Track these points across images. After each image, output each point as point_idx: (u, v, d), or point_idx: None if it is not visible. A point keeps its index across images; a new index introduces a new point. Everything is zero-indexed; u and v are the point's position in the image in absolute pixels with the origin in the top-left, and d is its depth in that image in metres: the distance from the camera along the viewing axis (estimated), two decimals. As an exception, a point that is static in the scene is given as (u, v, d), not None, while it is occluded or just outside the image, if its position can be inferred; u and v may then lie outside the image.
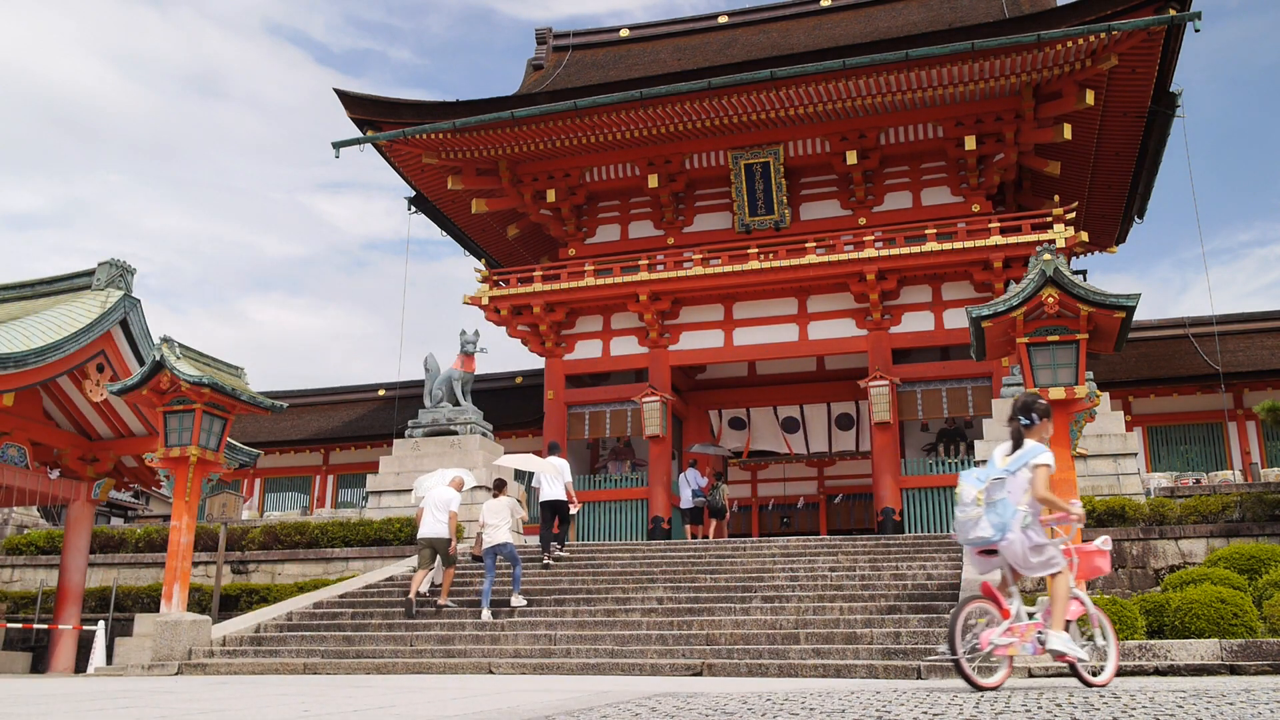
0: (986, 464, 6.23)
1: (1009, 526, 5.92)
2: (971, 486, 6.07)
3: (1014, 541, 5.94)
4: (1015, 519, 5.92)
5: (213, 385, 13.88)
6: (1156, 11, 19.06)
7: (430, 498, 13.87)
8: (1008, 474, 5.99)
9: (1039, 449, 6.08)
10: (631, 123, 22.21)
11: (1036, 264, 11.77)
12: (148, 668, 12.40)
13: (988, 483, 6.00)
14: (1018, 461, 6.04)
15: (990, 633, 5.96)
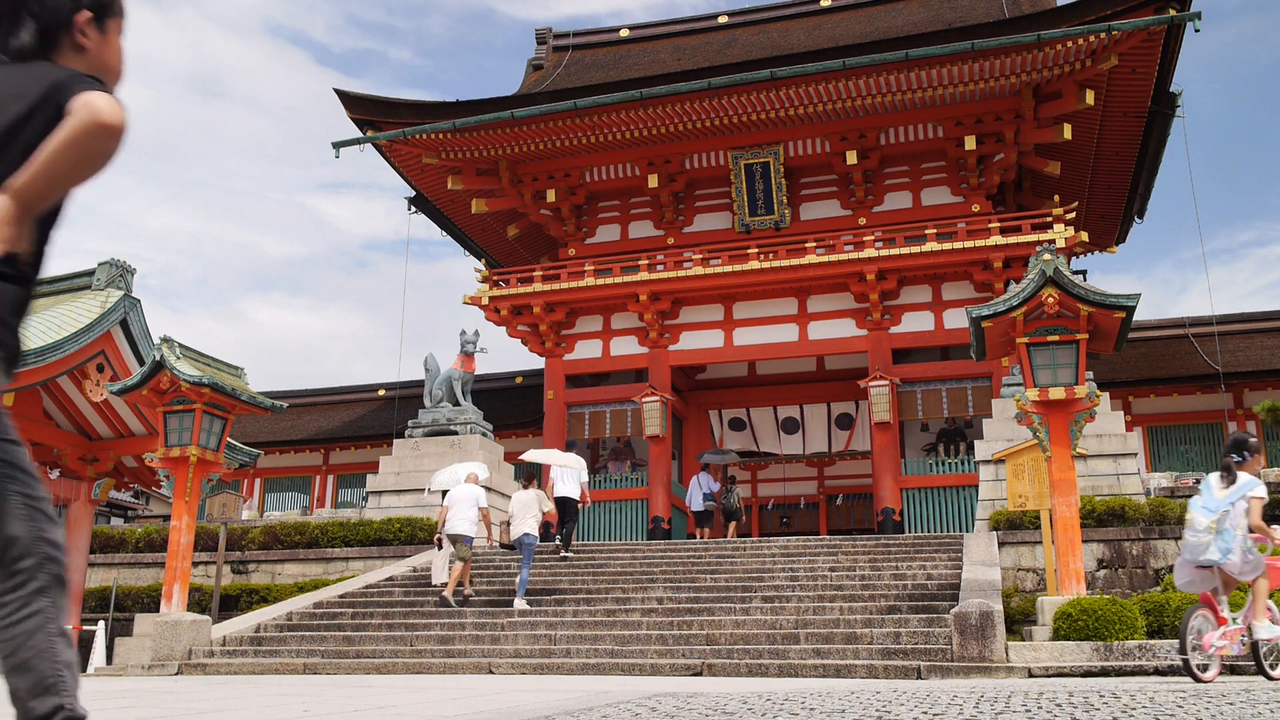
0: (1203, 493, 7.32)
1: (1231, 549, 7.05)
2: (1204, 516, 7.18)
3: (1234, 561, 7.08)
4: (1236, 543, 7.05)
5: (213, 385, 13.87)
6: (1156, 11, 19.06)
7: (454, 495, 14.03)
8: (1229, 504, 7.10)
9: (1253, 482, 7.18)
10: (631, 123, 22.21)
11: (1036, 264, 11.77)
12: (148, 668, 12.40)
13: (1218, 514, 7.08)
14: (1236, 493, 7.12)
15: (1210, 636, 7.11)
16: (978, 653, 9.85)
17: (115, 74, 2.33)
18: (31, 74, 2.11)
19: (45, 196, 2.03)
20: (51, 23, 2.17)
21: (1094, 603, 10.30)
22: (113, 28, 2.30)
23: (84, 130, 1.98)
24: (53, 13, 2.16)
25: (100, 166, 2.05)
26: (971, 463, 19.56)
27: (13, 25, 2.16)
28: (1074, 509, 11.70)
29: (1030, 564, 14.83)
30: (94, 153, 2.02)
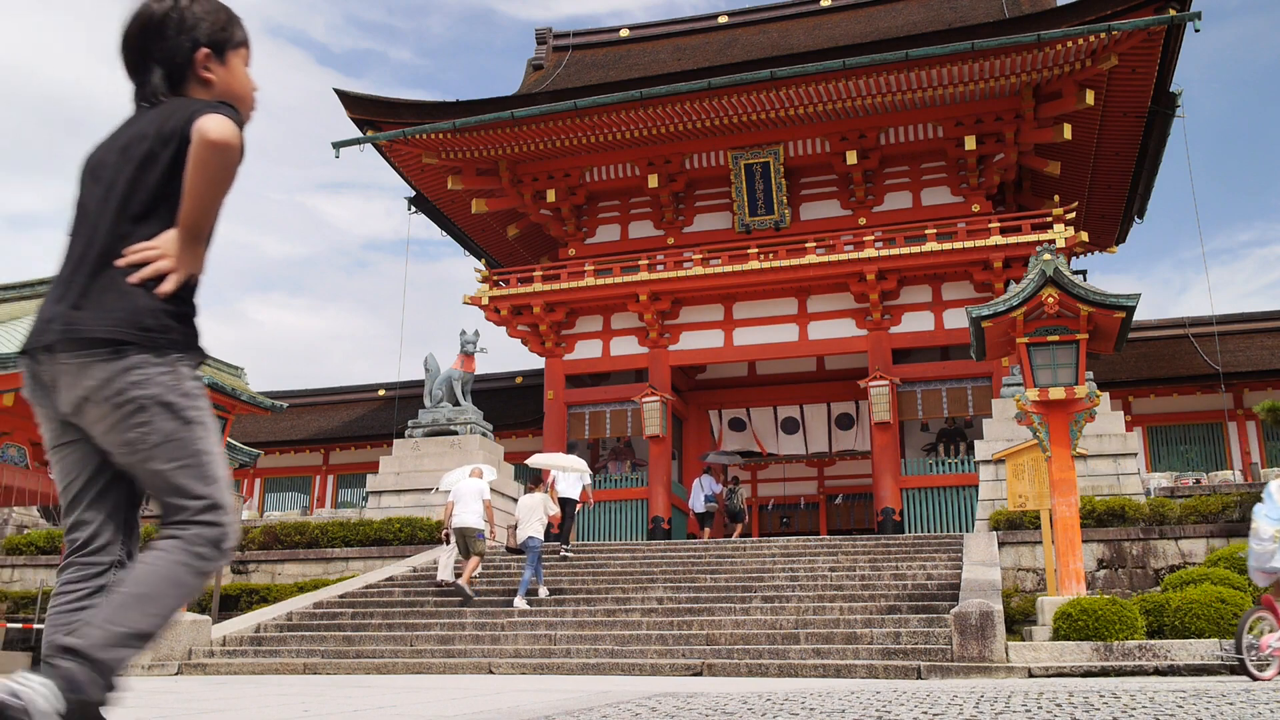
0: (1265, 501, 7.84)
1: None
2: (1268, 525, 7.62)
3: None
4: None
5: (212, 385, 13.88)
6: (1156, 11, 19.06)
7: (459, 490, 14.15)
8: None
9: None
10: (631, 123, 22.21)
11: (1036, 264, 11.77)
12: (147, 668, 12.40)
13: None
14: None
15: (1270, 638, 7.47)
16: (978, 653, 9.85)
17: (245, 99, 2.56)
18: (157, 113, 2.37)
19: (199, 221, 2.27)
20: (175, 64, 2.42)
21: (1094, 603, 10.30)
22: (234, 58, 2.53)
23: (200, 152, 2.22)
24: (174, 55, 2.42)
25: (228, 179, 2.27)
26: (971, 463, 19.56)
27: (145, 74, 2.43)
28: (1074, 509, 11.69)
29: (1030, 564, 14.83)
30: (215, 169, 2.24)
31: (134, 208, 2.31)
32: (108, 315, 2.24)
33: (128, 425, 2.24)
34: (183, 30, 2.43)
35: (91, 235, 2.33)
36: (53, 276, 2.41)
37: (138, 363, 2.22)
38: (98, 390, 2.23)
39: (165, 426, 2.26)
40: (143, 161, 2.32)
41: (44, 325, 2.31)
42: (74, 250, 2.35)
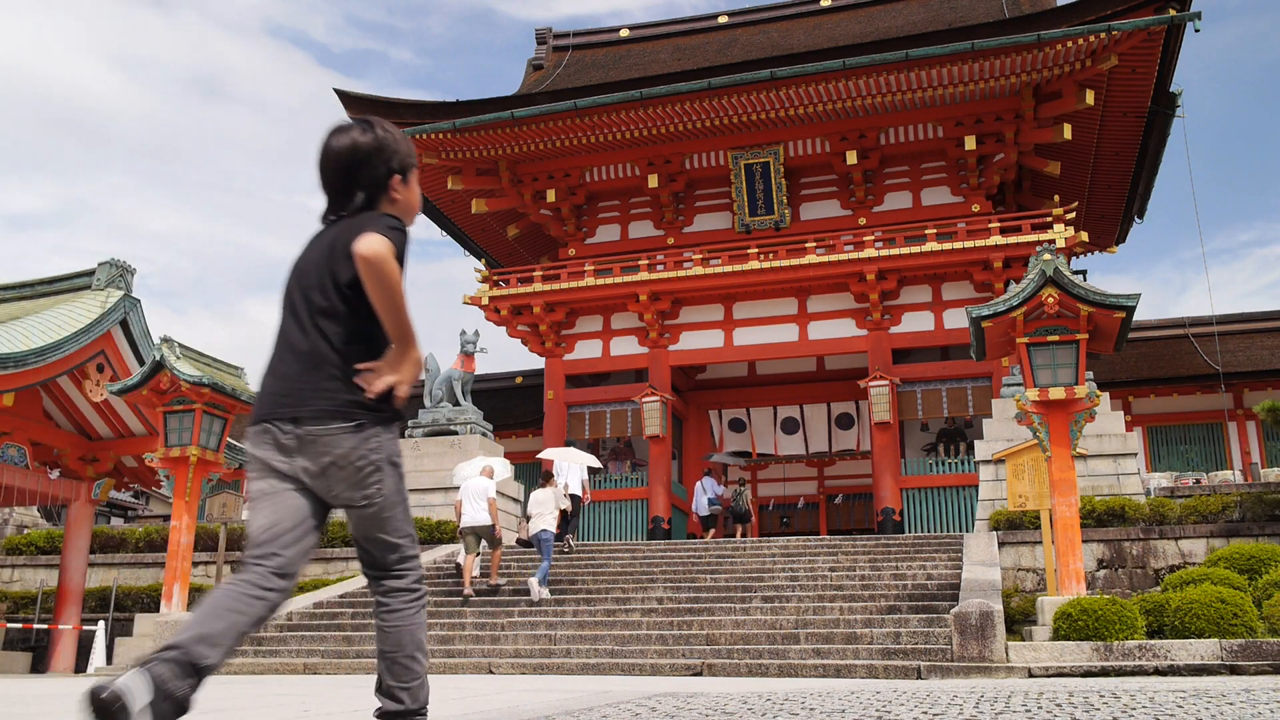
0: None
1: None
2: None
3: None
4: None
5: (213, 385, 13.87)
6: (1156, 11, 19.07)
7: (467, 489, 14.31)
8: None
9: None
10: (631, 123, 22.21)
11: (1036, 264, 11.77)
12: (148, 668, 12.39)
13: None
14: None
15: None
16: (978, 653, 9.85)
17: (415, 209, 3.01)
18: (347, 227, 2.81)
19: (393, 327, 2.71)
20: (374, 187, 2.87)
21: (1094, 603, 10.30)
22: (412, 177, 2.95)
23: (363, 270, 2.65)
24: (375, 180, 2.87)
25: (393, 286, 2.66)
26: (971, 463, 19.56)
27: (348, 195, 2.88)
28: (1074, 509, 11.69)
29: (1030, 564, 14.83)
30: (378, 281, 2.64)
31: (336, 308, 2.77)
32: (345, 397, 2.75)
33: (367, 483, 2.77)
34: (383, 160, 2.87)
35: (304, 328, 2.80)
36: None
37: (373, 433, 2.75)
38: (344, 456, 2.73)
39: (391, 481, 2.81)
40: (337, 270, 2.76)
41: (281, 399, 2.78)
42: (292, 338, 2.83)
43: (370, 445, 2.75)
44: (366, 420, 2.76)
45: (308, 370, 2.77)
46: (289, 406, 2.76)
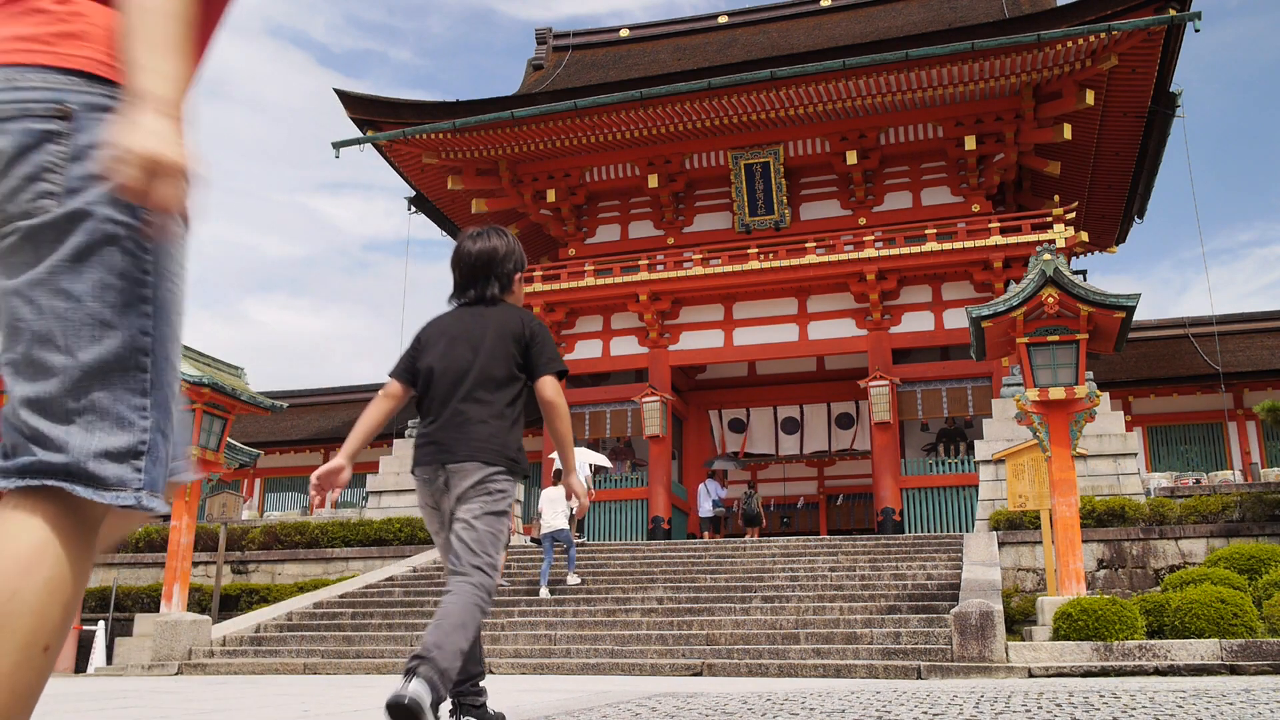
0: None
1: None
2: None
3: None
4: None
5: (213, 385, 13.87)
6: (1156, 11, 19.07)
7: None
8: None
9: None
10: (631, 123, 22.21)
11: (1036, 264, 11.78)
12: (148, 668, 12.40)
13: None
14: None
15: None
16: (978, 653, 9.85)
17: (521, 300, 3.82)
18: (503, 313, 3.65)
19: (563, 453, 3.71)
20: (503, 281, 3.71)
21: (1094, 603, 10.30)
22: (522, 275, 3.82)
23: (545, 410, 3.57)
24: (506, 277, 3.72)
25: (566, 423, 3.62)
26: (971, 463, 19.56)
27: (485, 285, 3.69)
28: (1074, 509, 11.69)
29: (1030, 564, 14.83)
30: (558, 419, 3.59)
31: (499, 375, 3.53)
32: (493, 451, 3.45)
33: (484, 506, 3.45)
34: (511, 260, 3.74)
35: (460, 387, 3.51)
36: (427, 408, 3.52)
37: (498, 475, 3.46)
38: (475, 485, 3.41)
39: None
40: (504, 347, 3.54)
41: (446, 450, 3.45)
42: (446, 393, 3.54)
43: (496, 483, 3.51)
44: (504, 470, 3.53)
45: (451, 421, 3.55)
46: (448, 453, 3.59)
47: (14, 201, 1.39)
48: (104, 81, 1.45)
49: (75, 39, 1.45)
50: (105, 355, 1.39)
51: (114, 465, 1.39)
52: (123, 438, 1.40)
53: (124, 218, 1.42)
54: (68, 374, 1.37)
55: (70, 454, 1.37)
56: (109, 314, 1.40)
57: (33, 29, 1.43)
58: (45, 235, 1.39)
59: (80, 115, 1.43)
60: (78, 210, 1.40)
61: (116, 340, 1.41)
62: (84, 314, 1.39)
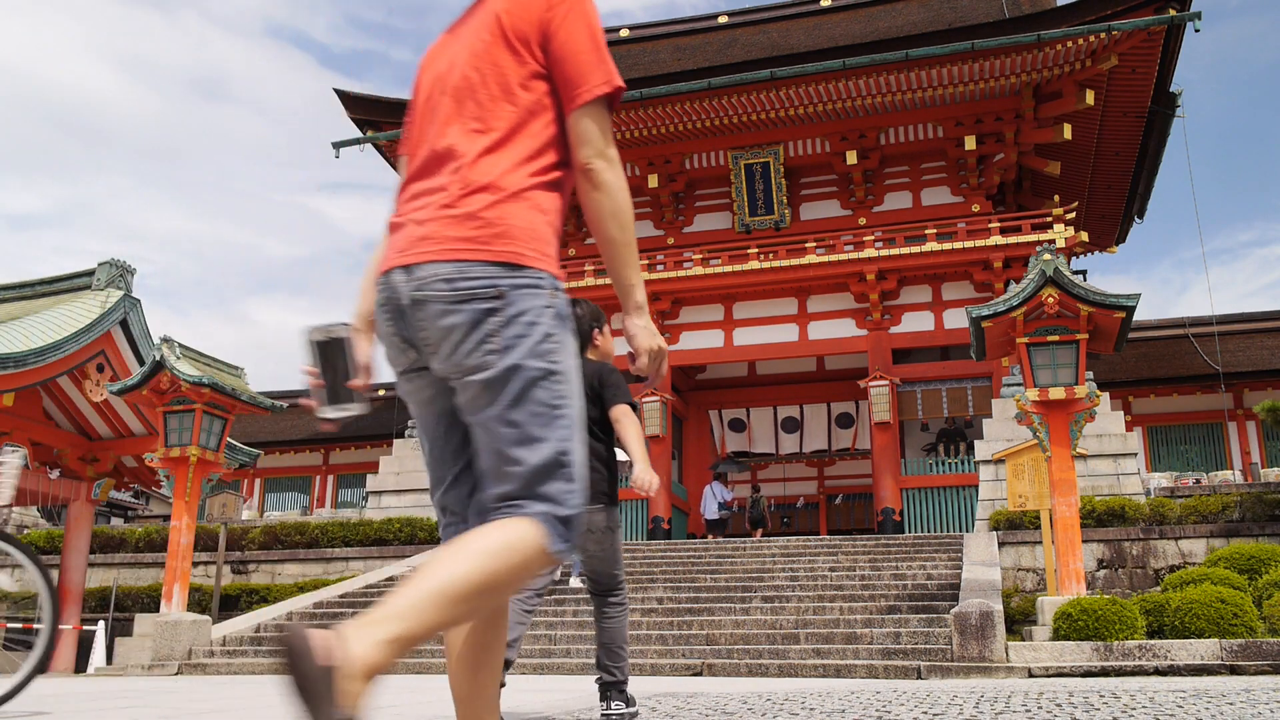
0: None
1: None
2: None
3: None
4: None
5: (213, 385, 13.88)
6: (1156, 11, 19.08)
7: None
8: None
9: None
10: (631, 123, 22.22)
11: (1036, 264, 11.78)
12: (148, 668, 12.40)
13: None
14: None
15: None
16: (978, 653, 9.85)
17: (609, 354, 4.48)
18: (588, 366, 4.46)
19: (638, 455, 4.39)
20: (584, 337, 4.52)
21: (1094, 603, 10.30)
22: (607, 330, 4.38)
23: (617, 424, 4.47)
24: (585, 336, 4.53)
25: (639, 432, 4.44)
26: (971, 463, 19.56)
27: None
28: (1074, 509, 11.70)
29: (1030, 564, 14.83)
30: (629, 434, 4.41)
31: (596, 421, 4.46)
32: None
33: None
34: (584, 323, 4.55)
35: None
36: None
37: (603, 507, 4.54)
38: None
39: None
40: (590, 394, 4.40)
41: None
42: None
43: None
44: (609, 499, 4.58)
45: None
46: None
47: (470, 358, 1.96)
48: (523, 268, 1.99)
49: (503, 238, 1.99)
50: (546, 459, 1.95)
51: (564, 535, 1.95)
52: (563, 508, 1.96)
53: (542, 365, 1.98)
54: (524, 478, 1.94)
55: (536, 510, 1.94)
56: (541, 429, 1.96)
57: (472, 232, 1.98)
58: (495, 384, 1.96)
59: (510, 294, 1.97)
60: (513, 365, 1.96)
61: (554, 447, 1.97)
62: (525, 434, 1.95)
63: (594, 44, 2.05)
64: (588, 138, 2.04)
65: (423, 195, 2.06)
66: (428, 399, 2.13)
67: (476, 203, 2.00)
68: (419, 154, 2.11)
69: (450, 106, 2.08)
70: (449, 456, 2.15)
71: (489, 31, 2.08)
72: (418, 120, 2.17)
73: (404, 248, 2.02)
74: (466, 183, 2.01)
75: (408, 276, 2.00)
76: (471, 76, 2.06)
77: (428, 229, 2.01)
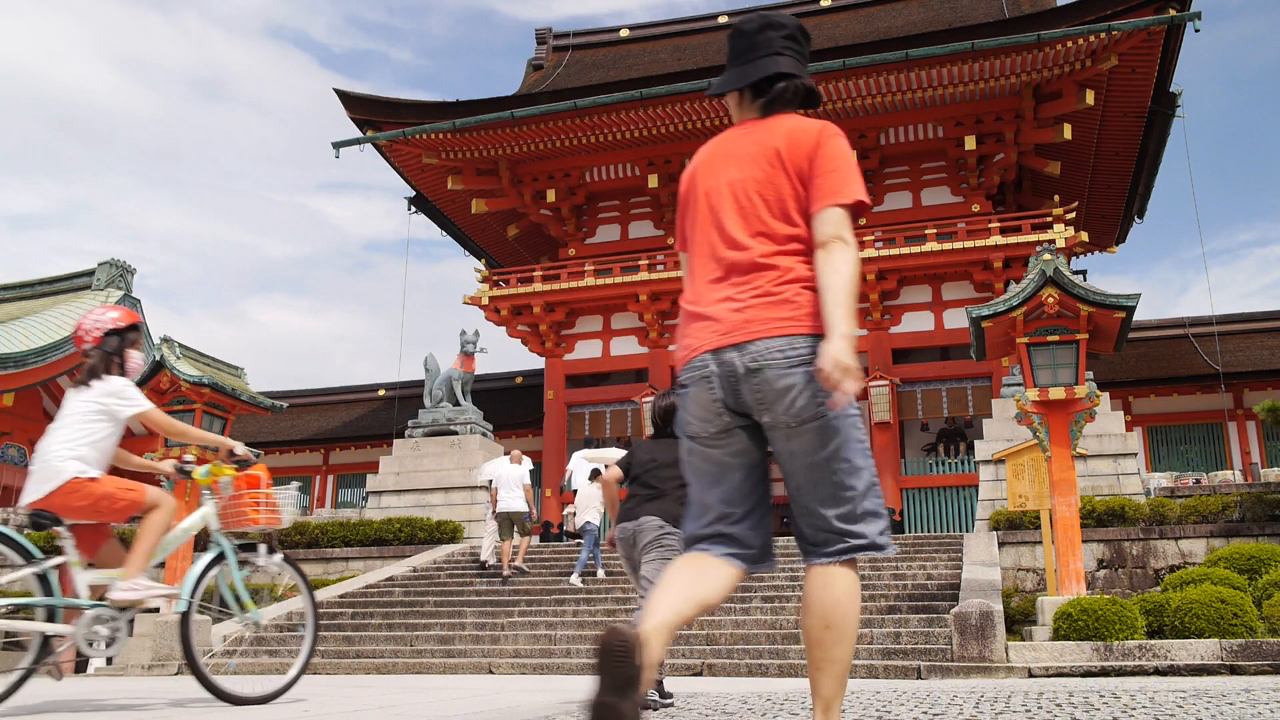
0: None
1: None
2: None
3: None
4: None
5: (212, 385, 13.88)
6: (1156, 11, 19.07)
7: (502, 476, 15.08)
8: None
9: None
10: (631, 123, 22.21)
11: (1036, 264, 11.77)
12: (148, 668, 12.40)
13: None
14: None
15: None
16: (978, 653, 9.85)
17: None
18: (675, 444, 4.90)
19: None
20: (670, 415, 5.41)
21: (1094, 603, 10.30)
22: None
23: None
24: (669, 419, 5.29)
25: None
26: (971, 463, 19.56)
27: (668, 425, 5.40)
28: (1074, 509, 11.69)
29: (1030, 564, 14.83)
30: None
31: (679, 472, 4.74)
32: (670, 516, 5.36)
33: None
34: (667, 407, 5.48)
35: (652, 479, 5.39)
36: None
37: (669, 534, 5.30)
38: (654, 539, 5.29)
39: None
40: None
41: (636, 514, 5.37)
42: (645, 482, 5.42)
43: None
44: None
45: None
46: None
47: (805, 410, 2.50)
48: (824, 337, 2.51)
49: (812, 316, 2.55)
50: (866, 484, 2.57)
51: (883, 537, 2.59)
52: (882, 522, 2.61)
53: (853, 410, 2.56)
54: (855, 499, 2.55)
55: (868, 538, 2.57)
56: (861, 461, 2.57)
57: (790, 313, 2.55)
58: (829, 429, 2.52)
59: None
60: (837, 414, 2.53)
61: (868, 474, 2.58)
62: (852, 466, 2.55)
63: (850, 166, 2.63)
64: (837, 225, 2.57)
65: (731, 289, 2.62)
66: (738, 451, 2.65)
67: (788, 291, 2.57)
68: (708, 254, 2.69)
69: (740, 219, 2.66)
70: (741, 497, 2.67)
71: (769, 163, 2.66)
72: (699, 224, 2.75)
73: (728, 331, 2.59)
74: (777, 277, 2.59)
75: (740, 352, 2.56)
76: (757, 198, 2.64)
77: (749, 314, 2.57)
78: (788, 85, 2.74)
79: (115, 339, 5.05)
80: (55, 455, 4.69)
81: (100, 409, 4.86)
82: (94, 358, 4.98)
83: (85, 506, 4.80)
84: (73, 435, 4.76)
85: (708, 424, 2.63)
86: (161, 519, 5.14)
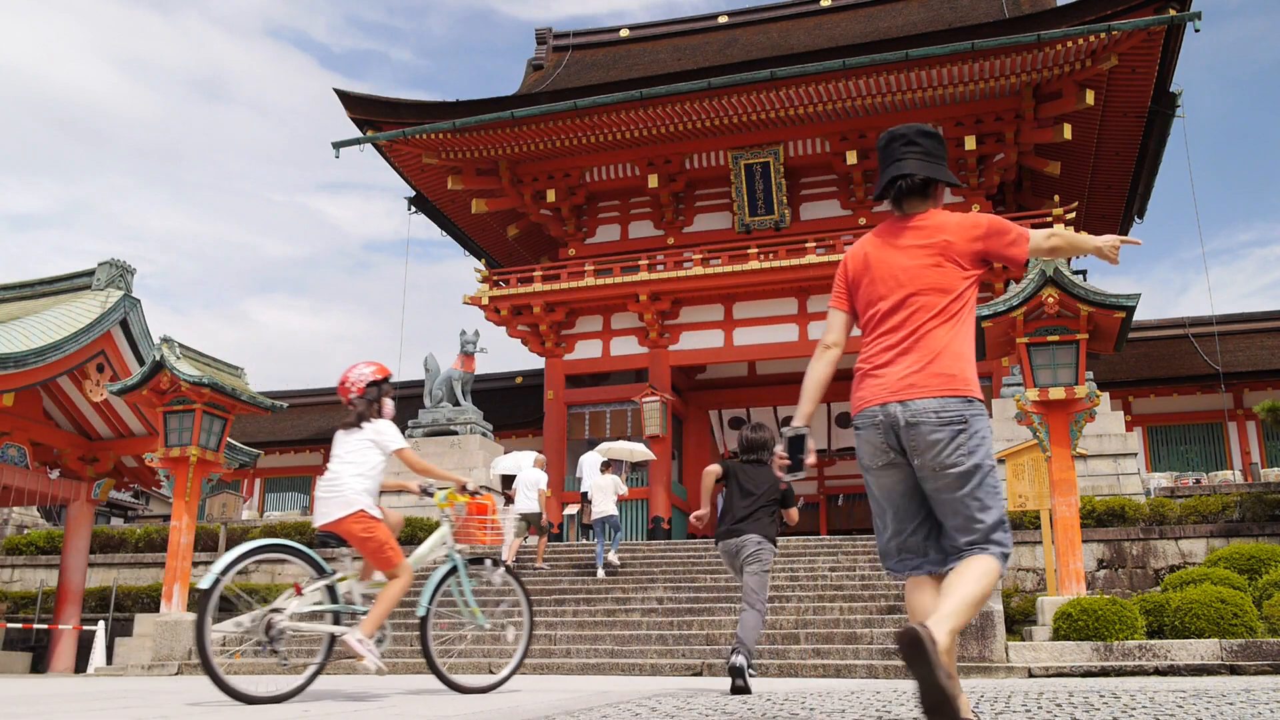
0: None
1: None
2: None
3: None
4: None
5: (213, 385, 13.88)
6: (1156, 11, 19.06)
7: (522, 479, 15.64)
8: None
9: None
10: (631, 123, 22.20)
11: (1036, 264, 11.77)
12: (148, 668, 12.40)
13: None
14: None
15: None
16: (978, 653, 9.86)
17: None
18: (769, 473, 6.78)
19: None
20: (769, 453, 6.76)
21: (1094, 603, 10.30)
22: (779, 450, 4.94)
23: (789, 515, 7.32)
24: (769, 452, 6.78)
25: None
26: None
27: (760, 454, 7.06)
28: (1074, 509, 11.69)
29: (1030, 564, 14.83)
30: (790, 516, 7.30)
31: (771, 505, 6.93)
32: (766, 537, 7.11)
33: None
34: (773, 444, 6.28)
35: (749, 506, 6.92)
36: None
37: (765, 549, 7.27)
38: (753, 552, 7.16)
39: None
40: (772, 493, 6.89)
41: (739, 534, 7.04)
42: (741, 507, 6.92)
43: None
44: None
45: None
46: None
47: (949, 459, 3.15)
48: (973, 400, 3.23)
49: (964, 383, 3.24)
50: (996, 519, 3.21)
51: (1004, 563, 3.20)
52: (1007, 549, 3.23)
53: (990, 462, 3.20)
54: (983, 531, 3.19)
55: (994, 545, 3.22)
56: (992, 501, 3.21)
57: (945, 381, 3.22)
58: (966, 476, 3.17)
59: (970, 419, 3.20)
60: (977, 464, 3.18)
61: (998, 511, 3.21)
62: (984, 505, 3.19)
63: (1007, 224, 3.37)
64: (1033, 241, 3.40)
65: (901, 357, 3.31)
66: (897, 480, 3.31)
67: (943, 362, 3.25)
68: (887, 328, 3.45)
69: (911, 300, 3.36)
70: (908, 517, 3.34)
71: (941, 255, 3.36)
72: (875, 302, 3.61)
73: (896, 390, 3.25)
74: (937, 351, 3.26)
75: (904, 408, 3.21)
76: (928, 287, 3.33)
77: (913, 379, 3.24)
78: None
79: (375, 389, 6.46)
80: (350, 488, 5.72)
81: (371, 444, 6.02)
82: (359, 405, 6.34)
83: (359, 536, 5.70)
84: (359, 470, 5.85)
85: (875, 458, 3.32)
86: (402, 588, 5.81)
